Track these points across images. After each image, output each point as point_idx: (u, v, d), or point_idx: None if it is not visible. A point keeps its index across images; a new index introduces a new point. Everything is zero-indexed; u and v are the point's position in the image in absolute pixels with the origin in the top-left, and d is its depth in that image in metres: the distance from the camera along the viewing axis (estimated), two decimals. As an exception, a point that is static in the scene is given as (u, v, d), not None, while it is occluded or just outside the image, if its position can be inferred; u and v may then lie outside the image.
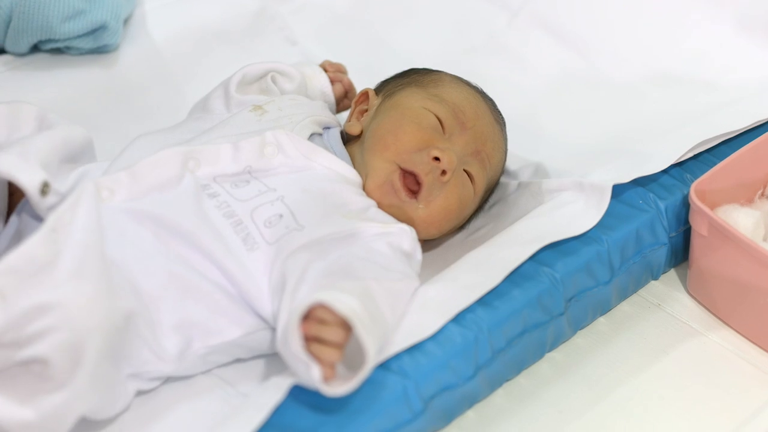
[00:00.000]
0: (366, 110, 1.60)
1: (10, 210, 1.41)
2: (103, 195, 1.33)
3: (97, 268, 1.25)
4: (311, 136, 1.50)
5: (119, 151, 1.43)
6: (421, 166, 1.46)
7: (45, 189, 1.29)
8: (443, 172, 1.46)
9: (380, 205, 1.46)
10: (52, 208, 1.30)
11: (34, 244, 1.23)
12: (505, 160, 1.61)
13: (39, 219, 1.33)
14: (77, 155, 1.43)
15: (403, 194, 1.47)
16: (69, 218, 1.27)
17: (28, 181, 1.29)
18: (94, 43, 1.80)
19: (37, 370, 1.19)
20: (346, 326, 1.23)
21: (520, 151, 1.69)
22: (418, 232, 1.45)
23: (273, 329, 1.34)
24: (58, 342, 1.18)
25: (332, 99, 1.68)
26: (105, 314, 1.23)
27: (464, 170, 1.51)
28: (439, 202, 1.48)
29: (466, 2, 2.01)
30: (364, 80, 1.73)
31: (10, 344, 1.19)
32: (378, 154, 1.48)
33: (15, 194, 1.41)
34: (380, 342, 1.27)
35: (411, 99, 1.54)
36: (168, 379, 1.37)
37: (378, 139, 1.50)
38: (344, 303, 1.23)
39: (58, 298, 1.20)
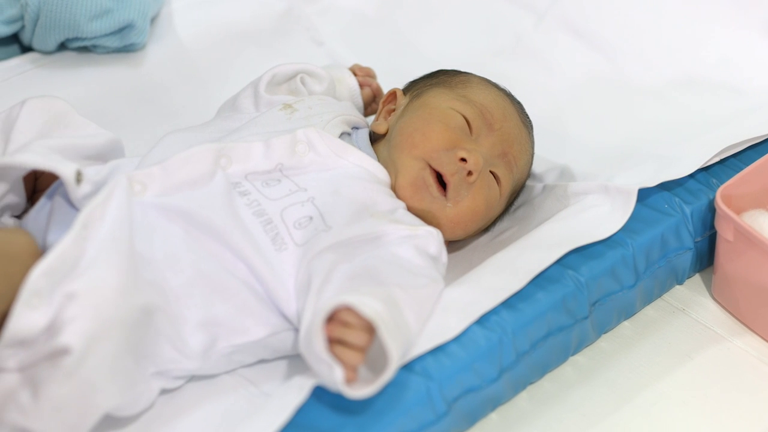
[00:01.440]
0: (393, 110, 1.60)
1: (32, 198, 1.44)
2: (135, 189, 1.34)
3: (123, 261, 1.26)
4: (341, 135, 1.50)
5: (149, 147, 1.44)
6: (448, 166, 1.46)
7: (79, 177, 1.31)
8: (469, 173, 1.46)
9: (409, 205, 1.46)
10: (86, 197, 1.31)
11: (67, 244, 1.23)
12: (531, 162, 1.60)
13: (71, 203, 1.34)
14: (103, 154, 1.43)
15: (435, 189, 1.47)
16: (100, 213, 1.27)
17: (64, 171, 1.31)
18: (121, 42, 1.81)
19: (60, 362, 1.19)
20: (370, 330, 1.23)
21: (545, 154, 1.69)
22: (444, 233, 1.45)
23: (297, 330, 1.34)
24: (81, 330, 1.19)
25: (361, 102, 1.69)
26: (128, 307, 1.24)
27: (490, 171, 1.50)
28: (467, 203, 1.48)
29: (493, 4, 2.01)
30: (390, 82, 1.73)
31: (45, 338, 1.19)
32: (406, 152, 1.48)
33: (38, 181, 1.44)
34: (403, 348, 1.27)
35: (439, 99, 1.54)
36: (192, 378, 1.37)
37: (406, 137, 1.50)
38: (369, 307, 1.23)
39: (84, 287, 1.20)
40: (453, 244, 1.57)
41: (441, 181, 1.48)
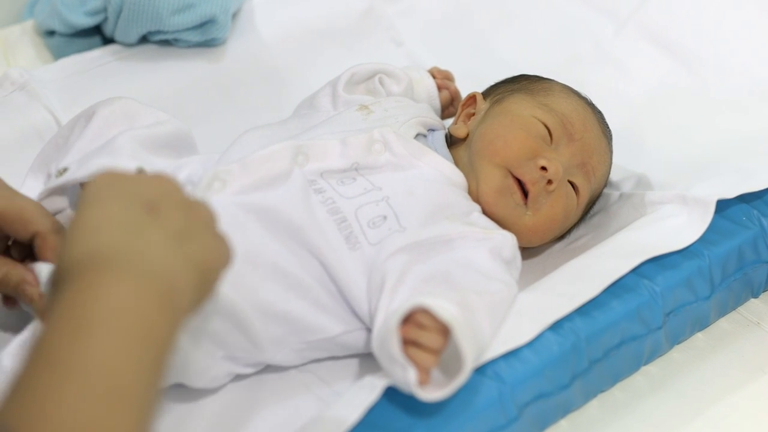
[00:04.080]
0: (473, 114, 1.59)
1: None
2: (214, 186, 1.35)
3: None
4: (416, 137, 1.50)
5: (228, 144, 1.45)
6: (529, 175, 1.46)
7: (141, 172, 1.32)
8: (549, 182, 1.46)
9: (488, 211, 1.46)
10: None
11: None
12: (609, 172, 1.59)
13: None
14: (172, 143, 1.44)
15: (519, 197, 1.47)
16: None
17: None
18: (202, 37, 1.82)
19: None
20: (445, 333, 1.23)
21: (622, 162, 1.68)
22: (519, 240, 1.45)
23: (369, 330, 1.34)
24: None
25: (438, 105, 1.68)
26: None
27: (569, 181, 1.50)
28: (545, 212, 1.48)
29: (573, 10, 2.00)
30: (467, 85, 1.73)
31: None
32: (487, 159, 1.48)
33: None
34: (477, 352, 1.26)
35: (520, 106, 1.54)
36: (264, 371, 1.38)
37: (487, 144, 1.50)
38: (446, 310, 1.22)
39: None
40: (527, 250, 1.56)
41: (524, 190, 1.48)
